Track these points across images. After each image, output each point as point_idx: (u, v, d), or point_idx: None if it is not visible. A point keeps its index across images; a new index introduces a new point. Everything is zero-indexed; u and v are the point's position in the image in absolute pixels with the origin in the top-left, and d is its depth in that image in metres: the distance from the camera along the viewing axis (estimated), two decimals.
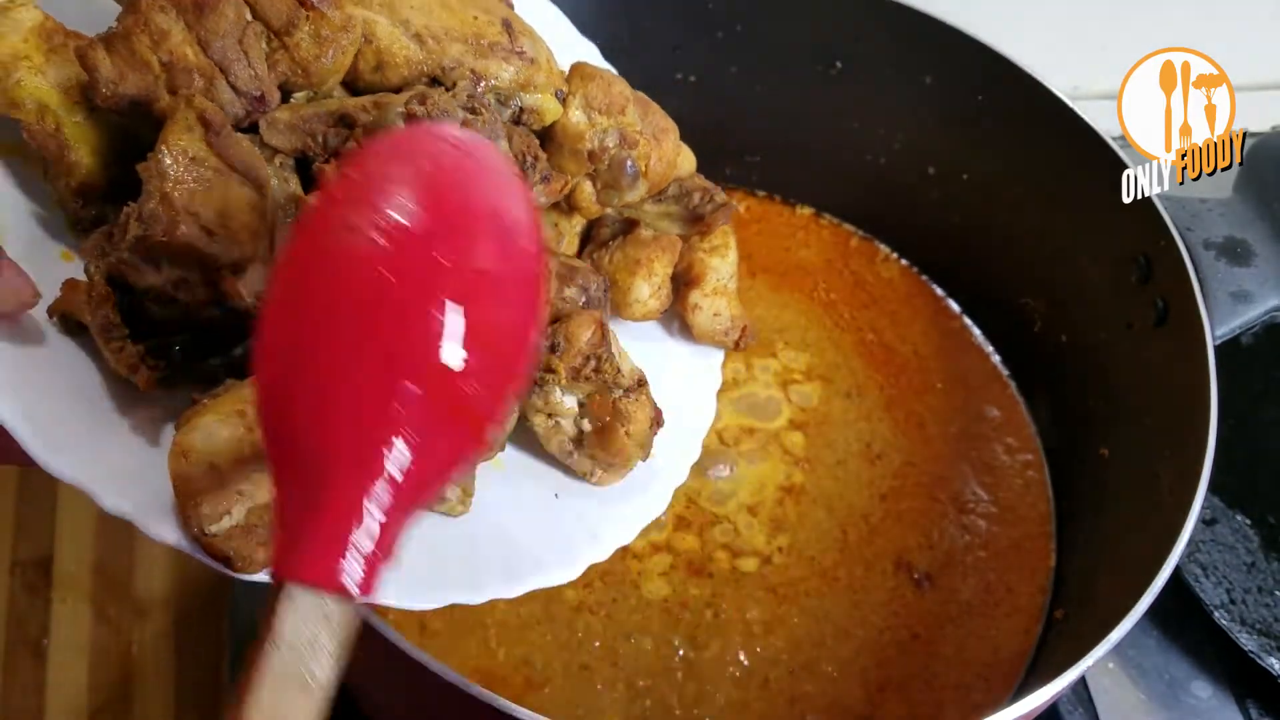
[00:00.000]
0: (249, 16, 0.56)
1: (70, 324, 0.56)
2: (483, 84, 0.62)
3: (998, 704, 0.86)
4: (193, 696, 0.91)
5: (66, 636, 0.93)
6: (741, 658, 0.86)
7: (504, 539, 0.64)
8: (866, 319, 1.08)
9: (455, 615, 0.84)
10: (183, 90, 0.55)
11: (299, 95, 0.59)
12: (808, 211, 1.15)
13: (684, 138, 1.17)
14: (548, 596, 0.86)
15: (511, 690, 0.80)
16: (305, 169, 0.59)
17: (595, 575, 0.88)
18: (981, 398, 1.05)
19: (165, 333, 0.55)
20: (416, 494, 0.40)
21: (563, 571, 0.63)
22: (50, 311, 0.54)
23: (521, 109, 0.64)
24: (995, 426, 1.03)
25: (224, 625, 0.92)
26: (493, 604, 0.82)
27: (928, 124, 1.06)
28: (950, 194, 1.08)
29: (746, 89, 1.08)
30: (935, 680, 0.88)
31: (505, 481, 0.68)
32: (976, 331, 1.09)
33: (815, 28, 1.03)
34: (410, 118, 0.56)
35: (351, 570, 0.39)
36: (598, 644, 0.85)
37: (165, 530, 0.52)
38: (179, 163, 0.52)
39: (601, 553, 0.65)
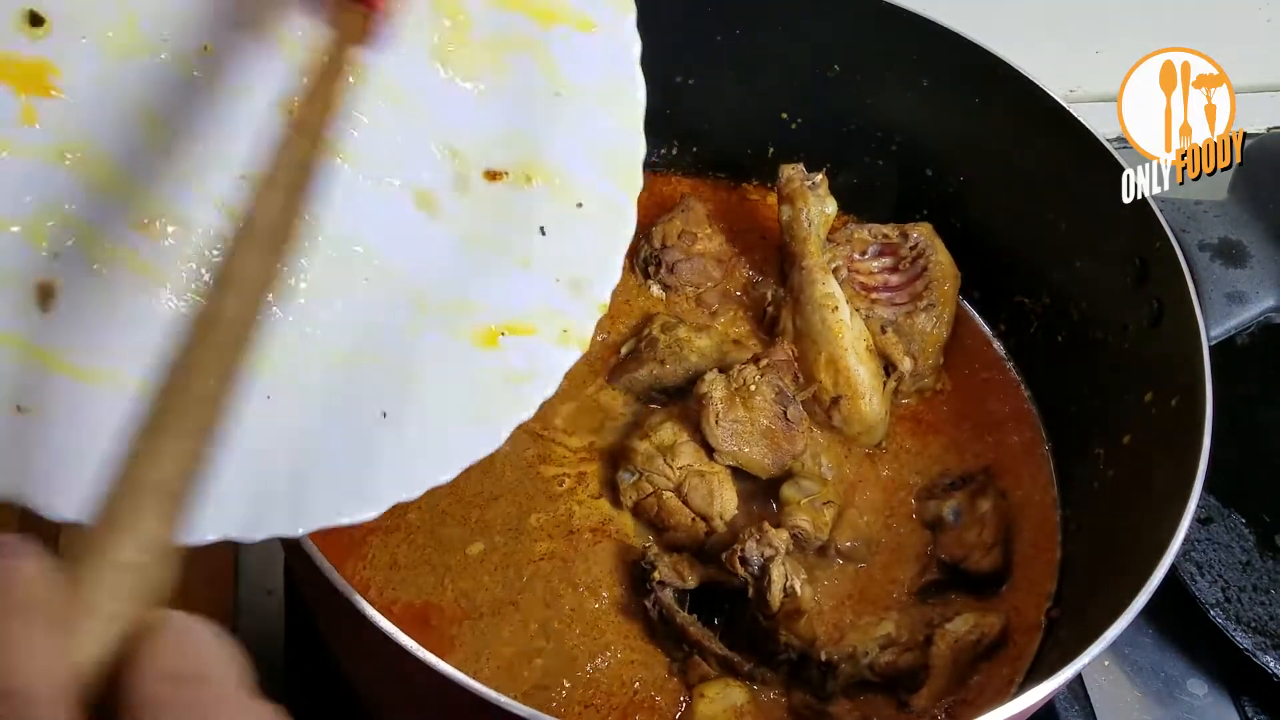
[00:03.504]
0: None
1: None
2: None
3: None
4: None
5: None
6: None
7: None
8: None
9: (424, 555, 0.87)
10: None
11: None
12: None
13: (683, 139, 1.19)
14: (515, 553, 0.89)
15: (446, 619, 0.85)
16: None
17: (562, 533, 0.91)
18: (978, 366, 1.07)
19: None
20: None
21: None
22: None
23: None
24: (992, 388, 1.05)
25: (227, 627, 0.93)
26: (460, 548, 0.87)
27: (925, 126, 1.06)
28: (947, 196, 1.08)
29: (744, 92, 1.09)
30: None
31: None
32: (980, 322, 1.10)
33: (813, 31, 1.04)
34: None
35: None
36: (540, 588, 0.87)
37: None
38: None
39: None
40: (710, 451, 0.91)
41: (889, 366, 1.00)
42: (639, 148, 0.74)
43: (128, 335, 0.60)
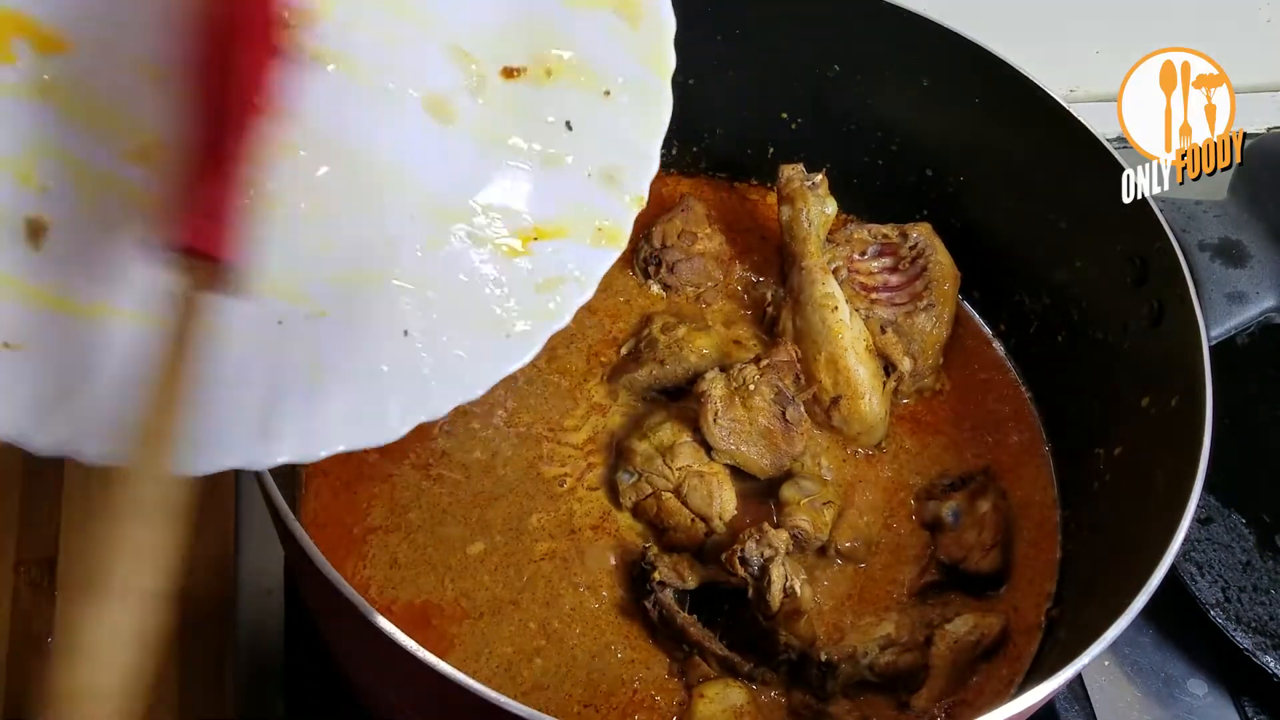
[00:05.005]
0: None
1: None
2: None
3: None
4: (196, 696, 0.91)
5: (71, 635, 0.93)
6: None
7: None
8: None
9: (425, 554, 0.88)
10: None
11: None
12: None
13: (683, 139, 1.18)
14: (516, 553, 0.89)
15: (446, 618, 0.85)
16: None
17: (563, 533, 0.91)
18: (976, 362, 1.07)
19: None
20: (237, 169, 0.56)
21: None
22: None
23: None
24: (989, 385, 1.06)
25: (228, 625, 0.93)
26: (461, 548, 0.87)
27: (925, 126, 1.06)
28: (947, 196, 1.08)
29: (745, 92, 1.09)
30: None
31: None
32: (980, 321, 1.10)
33: (813, 31, 1.04)
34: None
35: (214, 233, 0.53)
36: (540, 588, 0.87)
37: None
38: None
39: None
40: (710, 451, 0.91)
41: (889, 366, 1.00)
42: (668, 20, 0.69)
43: (125, 268, 0.58)
